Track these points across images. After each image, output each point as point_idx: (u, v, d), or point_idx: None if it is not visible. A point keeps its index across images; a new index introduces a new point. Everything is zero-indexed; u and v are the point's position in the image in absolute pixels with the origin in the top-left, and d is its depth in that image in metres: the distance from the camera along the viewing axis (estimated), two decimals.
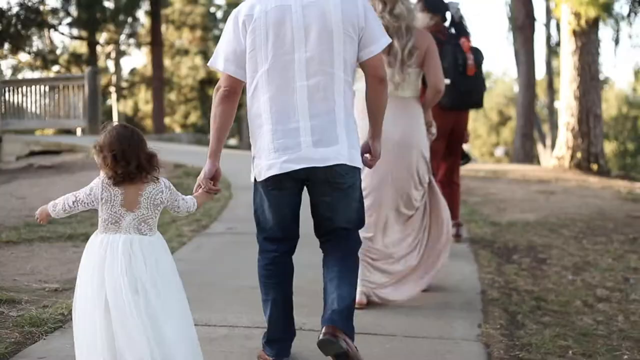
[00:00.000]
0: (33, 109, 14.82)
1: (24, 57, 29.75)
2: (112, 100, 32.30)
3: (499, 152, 47.59)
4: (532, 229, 6.57)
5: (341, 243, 3.11)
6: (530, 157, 17.06)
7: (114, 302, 2.54)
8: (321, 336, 2.86)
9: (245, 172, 3.96)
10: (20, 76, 30.65)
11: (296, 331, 3.21)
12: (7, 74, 35.86)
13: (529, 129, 16.79)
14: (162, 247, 2.72)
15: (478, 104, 5.75)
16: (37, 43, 29.92)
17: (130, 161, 2.60)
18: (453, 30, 5.59)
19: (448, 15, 5.54)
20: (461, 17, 5.55)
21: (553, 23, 29.23)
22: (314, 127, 2.93)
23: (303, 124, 2.93)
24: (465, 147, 5.95)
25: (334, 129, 2.95)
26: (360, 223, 3.17)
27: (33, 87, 14.86)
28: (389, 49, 4.00)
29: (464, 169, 11.53)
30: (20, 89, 14.89)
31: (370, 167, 3.31)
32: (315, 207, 3.08)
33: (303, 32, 2.94)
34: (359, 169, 3.06)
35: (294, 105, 2.94)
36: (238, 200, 7.65)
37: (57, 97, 14.52)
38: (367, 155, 3.24)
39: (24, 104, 14.82)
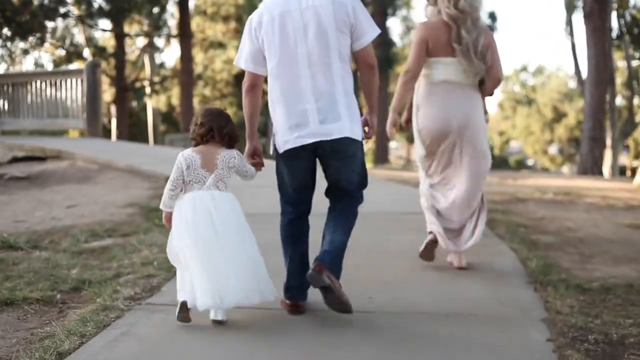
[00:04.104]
0: (29, 108, 13.11)
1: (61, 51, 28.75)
2: (146, 97, 30.92)
3: (553, 149, 45.62)
4: None
5: (344, 199, 3.85)
6: (599, 164, 14.79)
7: (203, 242, 3.46)
8: (310, 271, 3.57)
9: (250, 196, 5.03)
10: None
11: None
12: (49, 67, 35.01)
13: (599, 132, 14.47)
14: (234, 201, 3.66)
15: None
16: (76, 37, 29.05)
17: (210, 128, 3.63)
18: None
19: None
20: None
21: (613, 14, 26.85)
22: (320, 108, 3.66)
23: (310, 106, 3.66)
24: (516, 144, 5.34)
25: (335, 108, 3.67)
26: (362, 185, 3.90)
27: (29, 82, 13.16)
28: (460, 39, 4.56)
29: (530, 184, 9.57)
30: (14, 85, 13.19)
31: (369, 138, 3.95)
32: (326, 172, 3.84)
33: (303, 31, 3.67)
34: (359, 141, 3.77)
35: (302, 90, 3.67)
36: None
37: (54, 94, 12.79)
38: (366, 128, 3.92)
39: (19, 102, 13.13)
